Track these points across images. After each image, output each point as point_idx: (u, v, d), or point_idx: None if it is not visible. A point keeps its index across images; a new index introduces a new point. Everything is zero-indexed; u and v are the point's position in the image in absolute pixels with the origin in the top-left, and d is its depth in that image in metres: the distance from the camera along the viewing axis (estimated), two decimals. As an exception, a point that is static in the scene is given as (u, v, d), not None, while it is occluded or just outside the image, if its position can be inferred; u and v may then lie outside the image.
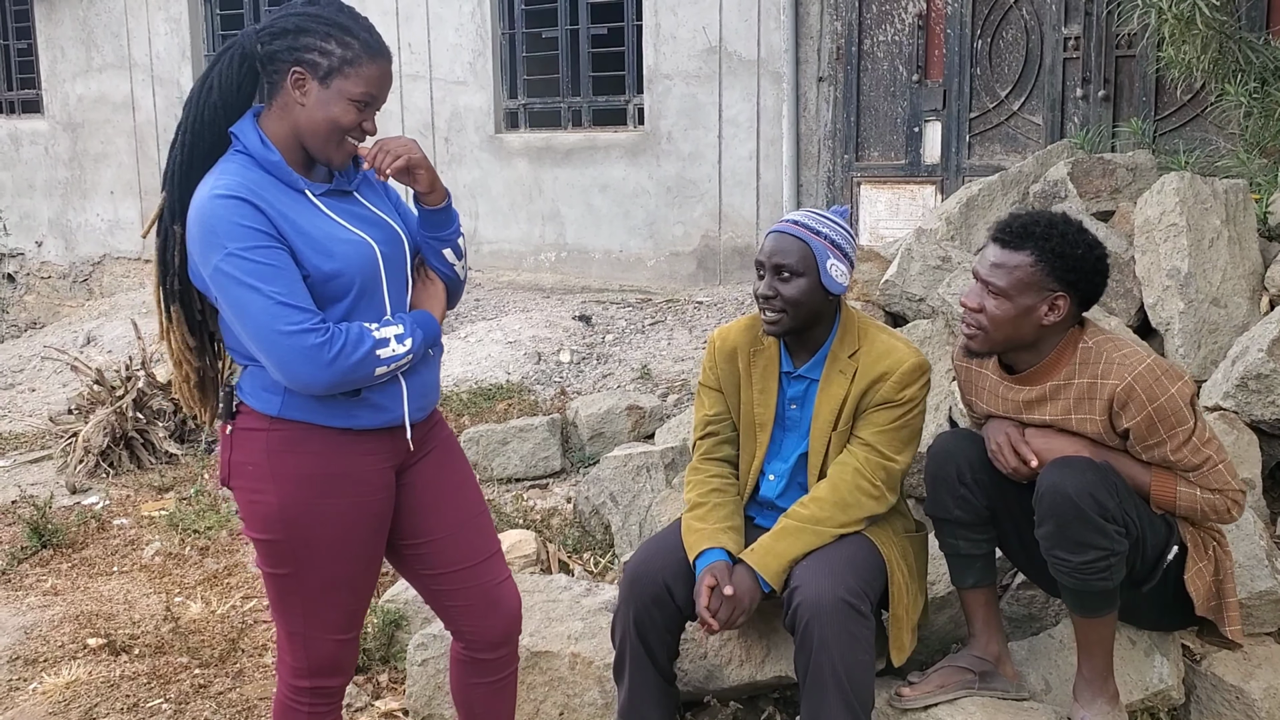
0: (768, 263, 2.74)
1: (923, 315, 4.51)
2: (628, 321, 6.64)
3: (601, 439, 5.01)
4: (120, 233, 10.56)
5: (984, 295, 2.67)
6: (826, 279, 2.72)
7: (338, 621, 2.34)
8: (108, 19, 10.28)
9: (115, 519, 4.92)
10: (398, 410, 2.29)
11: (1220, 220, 4.10)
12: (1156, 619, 2.91)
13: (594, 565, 4.14)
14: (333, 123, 2.19)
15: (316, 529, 2.25)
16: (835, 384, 2.78)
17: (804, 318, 2.75)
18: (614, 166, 8.12)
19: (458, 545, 2.43)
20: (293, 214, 2.18)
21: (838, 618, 2.55)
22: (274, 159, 2.20)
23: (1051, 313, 2.65)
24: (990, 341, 2.70)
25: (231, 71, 2.21)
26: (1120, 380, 2.60)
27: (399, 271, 2.32)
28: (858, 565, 2.66)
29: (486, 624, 2.47)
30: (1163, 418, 2.58)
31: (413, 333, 2.24)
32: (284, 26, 2.19)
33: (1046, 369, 2.71)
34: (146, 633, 3.84)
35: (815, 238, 2.73)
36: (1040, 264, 2.62)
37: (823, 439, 2.80)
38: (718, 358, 2.93)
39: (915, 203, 7.10)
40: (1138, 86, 6.26)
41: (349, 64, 2.17)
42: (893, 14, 7.05)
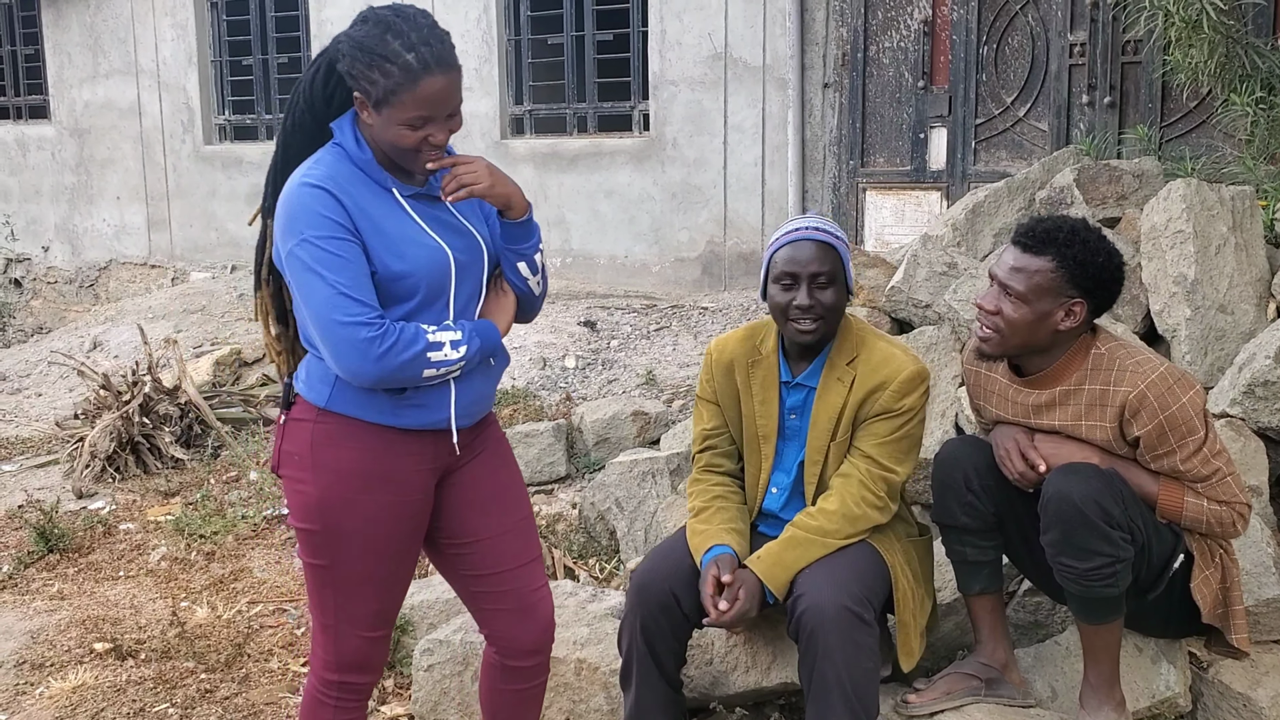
0: (803, 273, 2.71)
1: (929, 322, 4.51)
2: (633, 327, 6.65)
3: (607, 445, 5.01)
4: (126, 238, 10.59)
5: (1001, 298, 2.67)
6: (850, 281, 2.77)
7: (366, 618, 2.37)
8: (115, 25, 10.31)
9: (121, 524, 4.92)
10: (443, 413, 2.31)
11: (1227, 227, 4.10)
12: (1163, 626, 2.91)
13: (599, 571, 4.14)
14: (396, 145, 2.22)
15: (352, 523, 2.29)
16: (833, 392, 2.78)
17: (834, 324, 2.76)
18: (619, 172, 8.13)
19: (499, 549, 2.46)
20: (374, 211, 2.23)
21: (841, 625, 2.54)
22: (365, 157, 2.25)
23: (1068, 319, 2.65)
24: (1004, 345, 2.70)
25: (318, 82, 2.29)
26: (1133, 388, 2.59)
27: (472, 280, 2.34)
28: (861, 572, 2.66)
29: (520, 630, 2.50)
30: (1174, 427, 2.58)
31: (469, 340, 2.27)
32: (342, 50, 2.22)
33: (1057, 373, 2.71)
34: (153, 637, 3.84)
35: (839, 242, 2.76)
36: (1061, 270, 2.62)
37: (820, 448, 2.80)
38: (715, 370, 2.93)
39: (921, 209, 7.10)
40: (1143, 93, 6.26)
41: (393, 93, 2.17)
42: (898, 20, 7.05)
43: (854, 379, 2.77)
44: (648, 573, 2.76)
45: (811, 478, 2.82)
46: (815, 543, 2.70)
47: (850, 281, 2.77)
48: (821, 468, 2.81)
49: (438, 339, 2.22)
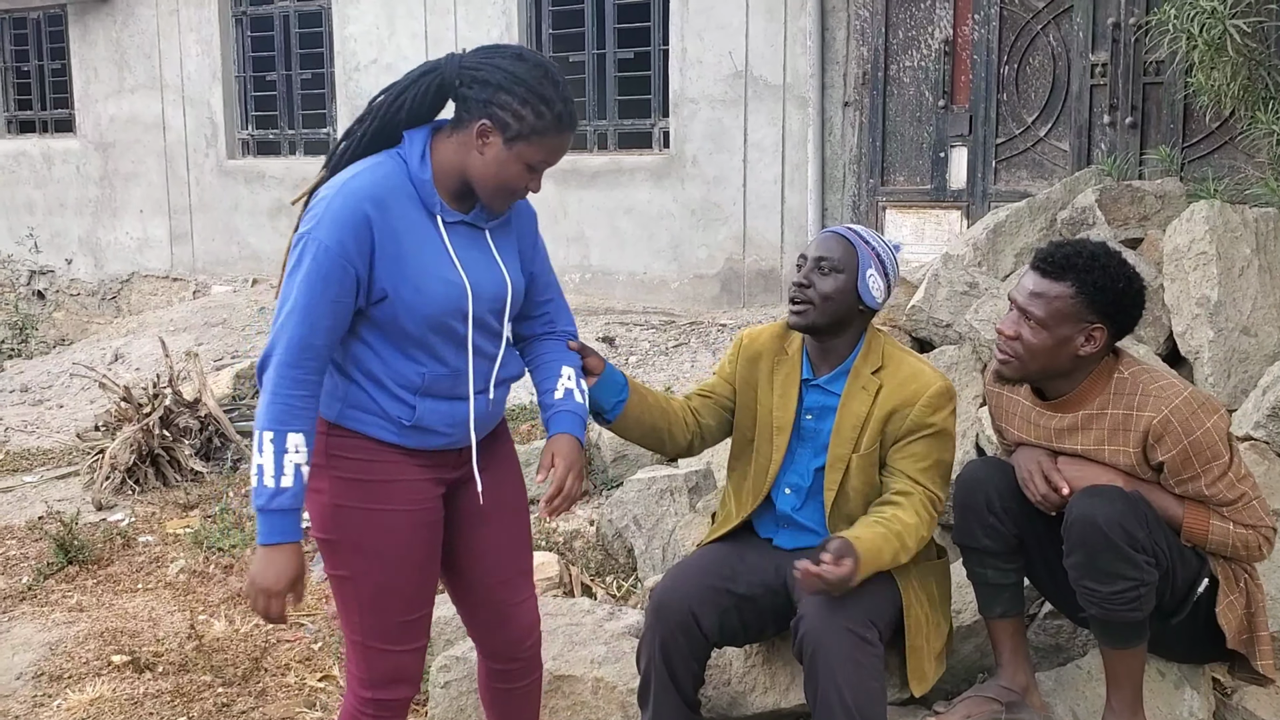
0: (810, 255, 2.76)
1: (949, 341, 4.49)
2: (651, 343, 6.65)
3: (625, 461, 5.00)
4: (149, 251, 10.66)
5: (1021, 323, 2.65)
6: (863, 286, 2.72)
7: (390, 631, 2.36)
8: (140, 40, 10.41)
9: (141, 536, 4.94)
10: (454, 436, 2.34)
11: (1250, 249, 4.08)
12: (1186, 651, 2.88)
13: (617, 589, 4.13)
14: (503, 182, 2.24)
15: (365, 532, 2.30)
16: (857, 400, 2.76)
17: (830, 317, 2.73)
18: (639, 189, 8.15)
19: (487, 562, 2.48)
20: (405, 235, 2.22)
21: (842, 646, 2.53)
22: (424, 177, 2.24)
23: (1088, 344, 2.63)
24: (1024, 370, 2.69)
25: (426, 97, 2.26)
26: (1156, 413, 2.57)
27: (493, 316, 2.34)
28: (865, 593, 2.63)
29: (497, 636, 2.54)
30: (1198, 452, 2.56)
31: (276, 485, 2.17)
32: (487, 77, 2.21)
33: (1080, 397, 2.69)
34: (170, 650, 3.85)
35: (863, 245, 2.75)
36: (1080, 296, 2.60)
37: (843, 457, 2.78)
38: (741, 356, 2.93)
39: (940, 228, 7.09)
40: (1165, 114, 6.24)
41: (537, 133, 2.20)
42: (919, 40, 7.06)
43: (879, 389, 2.75)
44: (667, 591, 2.74)
45: (831, 484, 2.80)
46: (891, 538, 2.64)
47: (863, 285, 2.73)
48: (842, 476, 2.79)
49: (262, 454, 2.17)
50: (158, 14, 10.26)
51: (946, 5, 6.91)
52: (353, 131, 2.31)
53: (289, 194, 9.74)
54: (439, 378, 2.29)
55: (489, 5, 8.58)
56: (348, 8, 9.27)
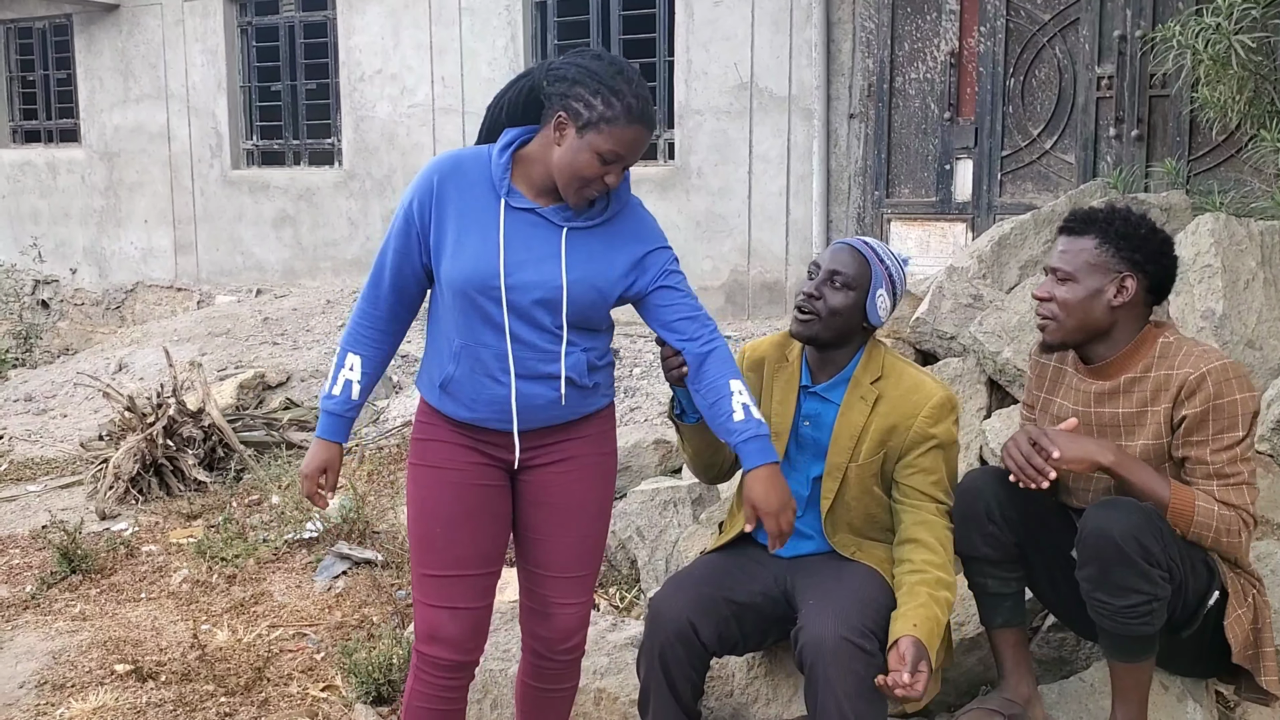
0: (825, 266, 2.77)
1: (953, 354, 4.49)
2: (655, 355, 6.64)
3: (628, 473, 4.99)
4: (154, 260, 10.68)
5: (1053, 284, 2.71)
6: (871, 305, 2.75)
7: (424, 584, 2.55)
8: (146, 50, 10.44)
9: (144, 546, 4.94)
10: (483, 416, 2.50)
11: (1256, 262, 4.07)
12: (1191, 665, 2.86)
13: (620, 600, 4.12)
14: (575, 170, 2.38)
15: (411, 485, 2.59)
16: (856, 410, 2.78)
17: (834, 331, 2.76)
18: (644, 200, 8.12)
19: (535, 552, 2.63)
20: (466, 208, 2.45)
21: (841, 657, 2.52)
22: (500, 162, 2.45)
23: (1120, 294, 2.65)
24: (1063, 330, 2.71)
25: (519, 99, 2.48)
26: (1195, 370, 2.59)
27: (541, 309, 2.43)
28: (865, 603, 2.63)
29: (534, 629, 2.68)
30: (1218, 416, 2.56)
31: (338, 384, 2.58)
32: (565, 73, 2.40)
33: (1122, 361, 2.70)
34: (173, 660, 3.84)
35: (878, 264, 2.77)
36: (1105, 245, 2.66)
37: (840, 465, 2.78)
38: (745, 366, 2.95)
39: (946, 240, 7.08)
40: (1171, 127, 6.24)
41: (607, 122, 2.35)
42: (925, 52, 7.07)
43: (878, 399, 2.76)
44: (664, 600, 2.74)
45: (828, 493, 2.80)
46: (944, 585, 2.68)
47: (870, 304, 2.75)
48: (839, 485, 2.79)
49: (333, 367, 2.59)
50: (163, 24, 10.30)
51: (952, 17, 6.92)
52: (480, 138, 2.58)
53: (293, 204, 9.78)
54: (472, 353, 2.45)
55: (494, 16, 8.61)
56: (353, 18, 9.30)
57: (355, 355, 2.55)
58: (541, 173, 2.43)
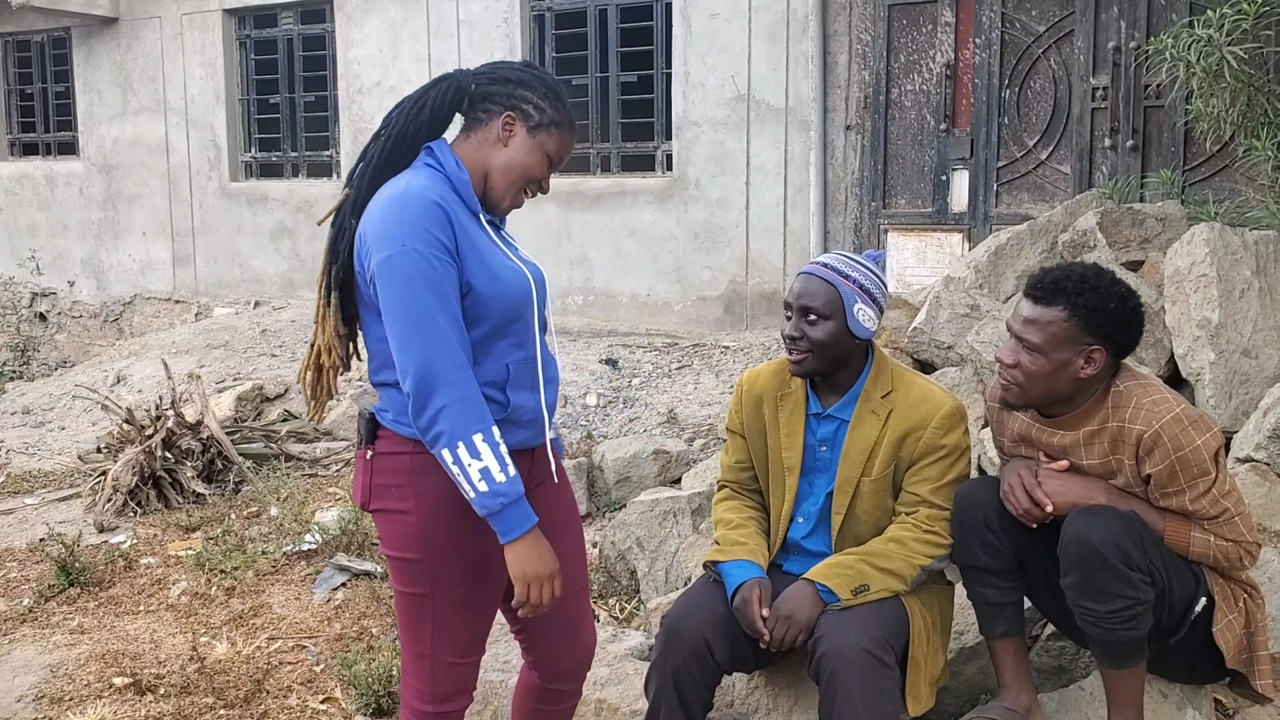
0: (795, 304, 2.75)
1: (951, 363, 4.50)
2: (654, 365, 6.65)
3: (628, 483, 5.00)
4: (152, 273, 10.68)
5: (1019, 351, 2.66)
6: (853, 323, 2.72)
7: (464, 643, 2.39)
8: (144, 63, 10.46)
9: (142, 558, 4.93)
10: (534, 430, 2.39)
11: (1251, 271, 4.08)
12: (1187, 671, 2.87)
13: (620, 611, 4.12)
14: (526, 170, 2.36)
15: (455, 548, 2.31)
16: (867, 424, 2.77)
17: (830, 360, 2.75)
18: (642, 211, 8.17)
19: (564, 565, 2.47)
20: (471, 231, 2.30)
21: (861, 668, 2.52)
22: (464, 178, 2.33)
23: (1088, 366, 2.64)
24: (1027, 396, 2.69)
25: (445, 99, 2.37)
26: (1147, 427, 2.59)
27: (542, 307, 2.42)
28: (882, 616, 2.64)
29: (564, 654, 2.57)
30: (1185, 467, 2.57)
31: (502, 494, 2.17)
32: (506, 75, 2.37)
33: (1082, 415, 2.70)
34: (172, 673, 3.84)
35: (844, 281, 2.72)
36: (1074, 319, 2.61)
37: (851, 480, 2.78)
38: (744, 402, 2.93)
39: (942, 250, 7.10)
40: (1166, 137, 6.26)
41: (556, 125, 2.36)
42: (921, 64, 7.09)
43: (890, 412, 2.76)
44: (680, 619, 2.73)
45: (839, 508, 2.79)
46: (872, 550, 2.72)
47: (853, 323, 2.72)
48: (851, 500, 2.79)
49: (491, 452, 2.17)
50: (162, 37, 10.32)
51: (948, 29, 6.95)
52: (369, 150, 2.37)
53: (291, 216, 9.80)
54: (523, 367, 2.34)
55: (492, 29, 8.63)
56: (352, 31, 9.33)
57: (495, 426, 2.20)
58: (479, 181, 2.37)
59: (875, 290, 2.77)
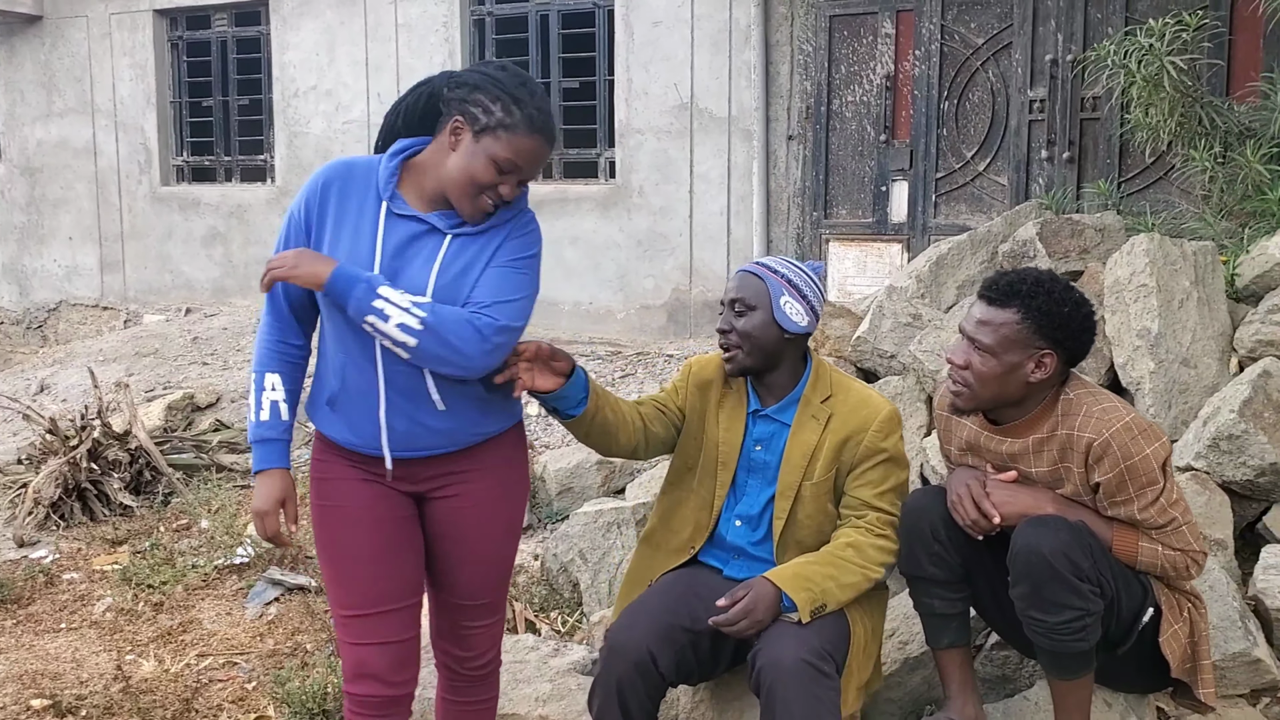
0: (726, 299, 2.81)
1: (894, 372, 4.50)
2: (597, 374, 6.59)
3: (570, 494, 4.94)
4: (78, 279, 10.42)
5: (970, 352, 2.66)
6: (780, 315, 2.73)
7: (345, 624, 2.48)
8: (70, 64, 10.22)
9: (65, 573, 4.77)
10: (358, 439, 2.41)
11: (1189, 281, 4.13)
12: (1131, 681, 2.88)
13: (562, 624, 4.05)
14: (470, 175, 2.31)
15: (317, 527, 2.50)
16: (808, 429, 2.78)
17: (759, 355, 2.76)
18: (585, 219, 8.12)
19: (444, 579, 2.57)
20: (346, 214, 2.37)
21: (801, 679, 2.50)
22: (388, 166, 2.38)
23: (1038, 370, 2.63)
24: (976, 399, 2.68)
25: (418, 105, 2.43)
26: (1097, 435, 2.59)
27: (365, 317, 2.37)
28: (824, 626, 2.62)
29: (446, 647, 2.65)
30: (1134, 476, 2.57)
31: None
32: (468, 79, 2.35)
33: (1031, 422, 2.70)
34: (95, 693, 3.70)
35: (771, 275, 2.78)
36: (1027, 321, 2.62)
37: (792, 484, 2.78)
38: (690, 383, 2.93)
39: (882, 260, 7.13)
40: (1102, 149, 6.34)
41: (505, 129, 2.29)
42: (861, 75, 7.12)
43: (830, 417, 2.77)
44: (623, 630, 2.69)
45: (781, 512, 2.79)
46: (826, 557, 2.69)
47: (780, 314, 2.73)
48: (792, 505, 2.78)
49: (253, 394, 2.47)
50: (89, 37, 10.08)
51: (888, 41, 6.99)
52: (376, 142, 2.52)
53: (224, 222, 9.61)
54: (350, 368, 2.37)
55: (431, 33, 8.54)
56: (287, 34, 9.17)
57: (273, 374, 2.44)
58: (433, 182, 2.36)
59: (805, 288, 2.79)
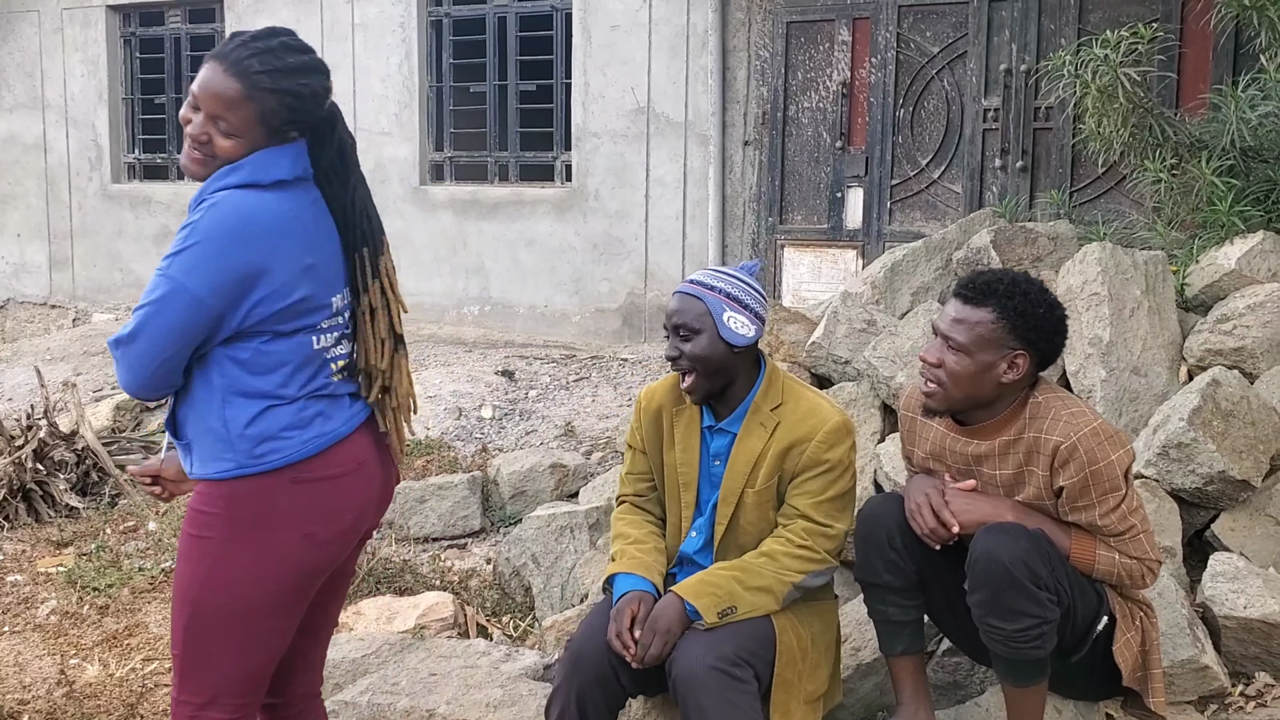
0: (669, 324, 2.77)
1: (848, 378, 4.52)
2: (551, 378, 6.57)
3: (523, 498, 4.91)
4: (26, 276, 10.25)
5: (944, 350, 2.66)
6: (725, 331, 2.70)
7: None
8: (21, 58, 10.05)
9: (8, 575, 4.69)
10: None
11: (1140, 290, 4.18)
12: (1083, 689, 2.90)
13: (514, 629, 4.03)
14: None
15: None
16: (754, 435, 2.76)
17: (714, 375, 2.74)
18: (541, 222, 8.09)
19: None
20: None
21: (712, 686, 2.50)
22: None
23: (1011, 371, 2.64)
24: (949, 399, 2.68)
25: None
26: (1065, 438, 2.60)
27: None
28: (739, 632, 2.62)
29: None
30: (1097, 481, 2.59)
31: None
32: None
33: (999, 424, 2.71)
34: (38, 698, 3.64)
35: (709, 293, 2.73)
36: (1002, 321, 2.63)
37: (735, 490, 2.76)
38: (644, 418, 2.90)
39: (837, 266, 7.17)
40: (1054, 158, 6.42)
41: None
42: (818, 82, 7.16)
43: (777, 425, 2.75)
44: (585, 641, 2.67)
45: (723, 518, 2.77)
46: (738, 566, 2.69)
47: (725, 331, 2.71)
48: (734, 511, 2.77)
49: None
50: (40, 32, 9.92)
51: (845, 48, 7.03)
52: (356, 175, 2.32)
53: (176, 220, 9.47)
54: None
55: (388, 34, 8.48)
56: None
57: None
58: None
59: (746, 297, 2.76)
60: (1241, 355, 3.97)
